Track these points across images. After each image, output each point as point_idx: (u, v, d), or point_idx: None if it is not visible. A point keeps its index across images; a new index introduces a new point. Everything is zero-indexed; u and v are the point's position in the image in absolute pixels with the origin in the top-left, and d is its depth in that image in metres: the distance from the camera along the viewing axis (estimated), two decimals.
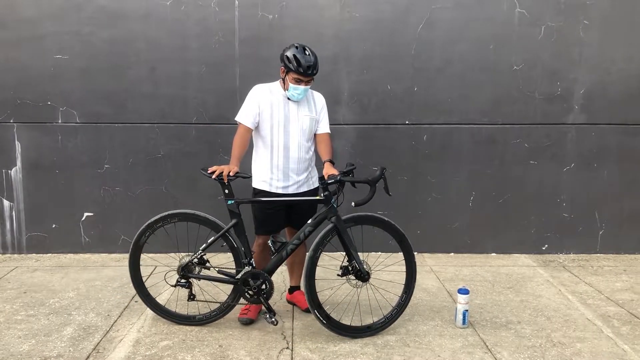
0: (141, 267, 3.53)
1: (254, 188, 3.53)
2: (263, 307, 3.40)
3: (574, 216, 4.97)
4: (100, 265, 4.69)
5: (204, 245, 3.35)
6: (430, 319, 3.58)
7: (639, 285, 4.24)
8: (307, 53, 3.29)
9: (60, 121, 4.80)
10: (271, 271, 3.35)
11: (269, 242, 3.36)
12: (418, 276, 4.37)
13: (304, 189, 3.52)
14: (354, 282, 3.34)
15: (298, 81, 3.30)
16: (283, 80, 3.39)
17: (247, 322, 3.48)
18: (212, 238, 3.32)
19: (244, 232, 3.34)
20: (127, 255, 4.87)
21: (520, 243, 5.01)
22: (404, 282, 3.45)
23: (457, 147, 4.88)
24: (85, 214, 4.93)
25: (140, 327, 3.43)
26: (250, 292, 3.33)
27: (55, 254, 4.95)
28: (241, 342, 3.24)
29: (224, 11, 4.69)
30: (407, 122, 4.86)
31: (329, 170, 3.26)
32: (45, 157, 4.85)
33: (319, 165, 3.44)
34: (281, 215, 3.49)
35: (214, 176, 3.22)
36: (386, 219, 3.37)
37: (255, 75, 4.74)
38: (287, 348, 3.17)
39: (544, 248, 5.02)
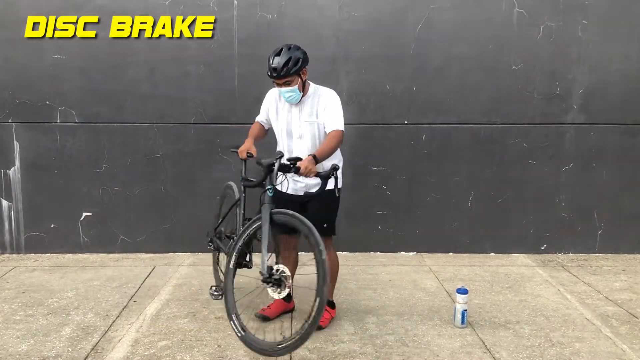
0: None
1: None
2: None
3: (573, 216, 4.97)
4: (99, 265, 4.68)
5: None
6: (429, 319, 3.58)
7: (638, 285, 4.24)
8: (280, 54, 3.18)
9: (58, 121, 4.80)
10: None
11: None
12: (417, 275, 4.41)
13: (314, 190, 3.28)
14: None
15: (276, 83, 3.26)
16: None
17: (263, 319, 3.47)
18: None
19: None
20: (126, 255, 4.92)
21: (519, 243, 5.01)
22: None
23: (456, 147, 4.88)
24: (84, 214, 4.93)
25: (139, 327, 3.43)
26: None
27: (54, 254, 4.94)
28: (240, 342, 3.23)
29: (223, 11, 4.68)
30: (405, 122, 4.86)
31: (304, 162, 3.07)
32: (43, 157, 4.84)
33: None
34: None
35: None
36: (290, 212, 3.01)
37: (254, 75, 4.74)
38: None
39: (542, 248, 5.02)
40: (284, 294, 2.94)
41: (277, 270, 2.94)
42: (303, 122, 3.33)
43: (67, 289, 4.09)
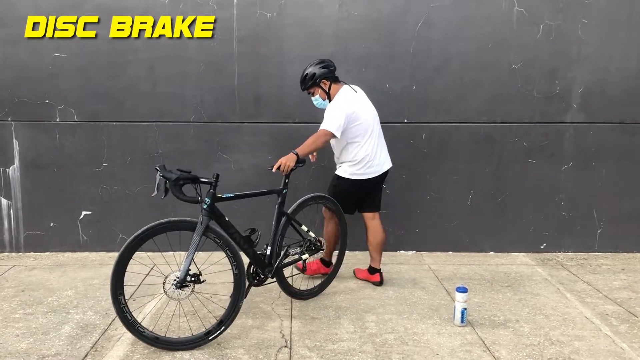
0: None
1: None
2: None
3: (572, 215, 4.98)
4: (98, 263, 4.68)
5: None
6: (429, 318, 3.58)
7: (637, 284, 4.25)
8: (305, 69, 3.87)
9: (58, 119, 4.79)
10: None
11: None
12: (416, 274, 4.41)
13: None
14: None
15: None
16: None
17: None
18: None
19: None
20: None
21: (518, 242, 5.01)
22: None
23: (455, 145, 4.88)
24: (83, 213, 4.93)
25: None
26: None
27: (53, 253, 4.94)
28: (240, 340, 3.23)
29: (223, 9, 4.68)
30: (405, 121, 4.86)
31: (282, 158, 3.52)
32: (43, 156, 4.84)
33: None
34: None
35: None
36: (224, 235, 3.24)
37: (253, 74, 4.75)
38: (286, 346, 3.17)
39: (542, 247, 5.02)
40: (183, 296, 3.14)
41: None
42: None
43: (66, 288, 4.09)
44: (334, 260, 4.21)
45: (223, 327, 3.18)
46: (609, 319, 3.58)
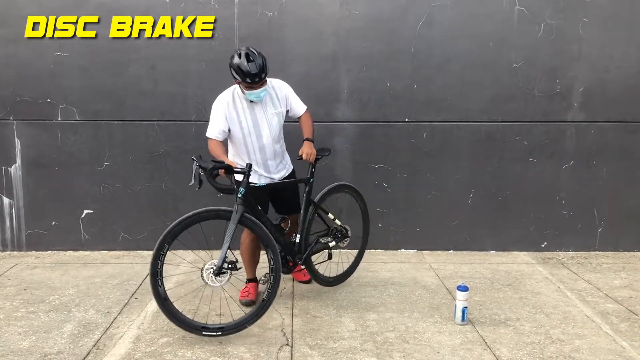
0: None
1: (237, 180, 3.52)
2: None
3: (573, 214, 4.98)
4: (100, 262, 4.69)
5: None
6: (430, 316, 3.59)
7: (638, 283, 4.25)
8: (252, 59, 3.28)
9: (60, 118, 4.80)
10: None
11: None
12: (417, 273, 4.42)
13: (283, 172, 3.74)
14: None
15: (250, 87, 3.36)
16: (239, 85, 3.44)
17: (249, 304, 3.70)
18: None
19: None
20: (127, 252, 4.93)
21: (519, 240, 5.02)
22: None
23: (456, 144, 4.88)
24: (85, 211, 4.94)
25: (140, 324, 3.44)
26: None
27: (55, 251, 4.95)
28: (241, 338, 3.24)
29: (224, 8, 4.68)
30: (406, 120, 4.86)
31: (305, 148, 3.54)
32: (45, 155, 4.85)
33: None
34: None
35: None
36: (258, 223, 3.30)
37: None
38: (287, 345, 3.18)
39: (543, 245, 5.03)
40: (224, 280, 3.22)
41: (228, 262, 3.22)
42: (271, 114, 3.57)
43: (68, 286, 4.10)
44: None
45: (220, 333, 3.17)
46: (610, 318, 3.58)
